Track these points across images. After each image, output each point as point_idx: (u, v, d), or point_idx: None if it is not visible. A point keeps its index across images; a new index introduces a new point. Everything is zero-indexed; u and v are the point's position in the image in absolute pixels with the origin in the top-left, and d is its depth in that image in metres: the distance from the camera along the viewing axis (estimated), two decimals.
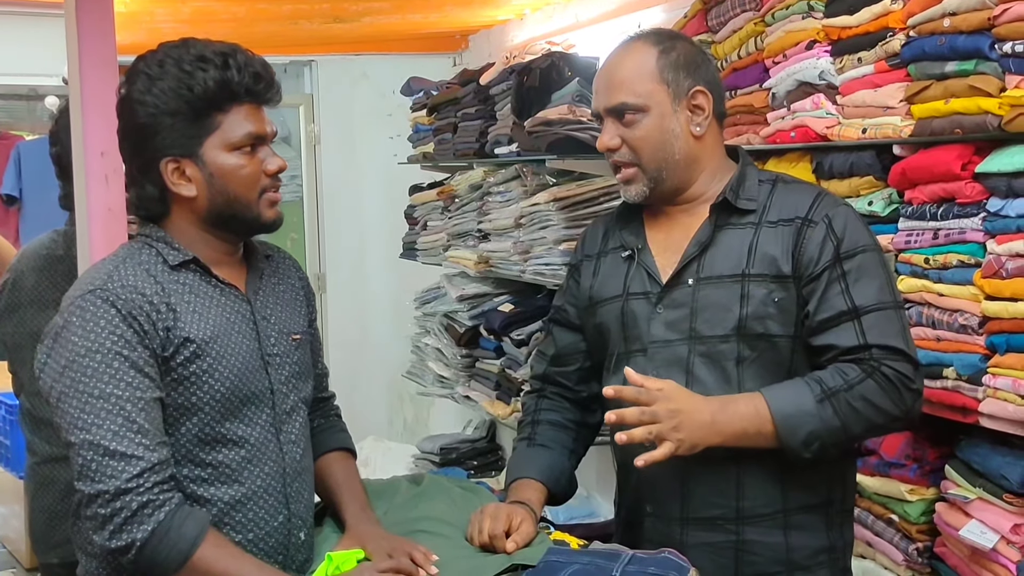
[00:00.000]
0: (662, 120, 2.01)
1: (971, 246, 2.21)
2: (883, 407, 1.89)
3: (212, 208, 1.87)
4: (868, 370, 1.89)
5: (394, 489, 2.27)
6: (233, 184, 1.86)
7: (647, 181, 2.04)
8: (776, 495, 2.00)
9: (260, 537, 1.88)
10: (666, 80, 2.01)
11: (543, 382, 2.26)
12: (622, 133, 2.03)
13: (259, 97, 1.87)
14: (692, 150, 2.04)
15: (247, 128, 1.85)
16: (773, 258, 1.97)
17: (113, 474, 1.71)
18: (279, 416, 1.92)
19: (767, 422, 1.88)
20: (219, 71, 1.81)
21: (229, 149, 1.84)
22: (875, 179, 2.46)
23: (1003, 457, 2.19)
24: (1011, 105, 2.07)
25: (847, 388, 1.88)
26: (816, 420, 1.88)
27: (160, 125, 1.82)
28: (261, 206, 1.89)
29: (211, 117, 1.83)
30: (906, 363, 1.91)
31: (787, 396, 1.90)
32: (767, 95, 2.77)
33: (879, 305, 1.93)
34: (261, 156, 1.88)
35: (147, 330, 1.78)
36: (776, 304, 1.96)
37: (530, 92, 3.75)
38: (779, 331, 1.97)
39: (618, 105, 2.02)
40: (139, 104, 1.82)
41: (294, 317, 2.02)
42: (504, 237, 4.07)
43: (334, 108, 6.07)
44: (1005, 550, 2.16)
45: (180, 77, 1.80)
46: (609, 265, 2.14)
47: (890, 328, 1.93)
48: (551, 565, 1.86)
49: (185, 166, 1.84)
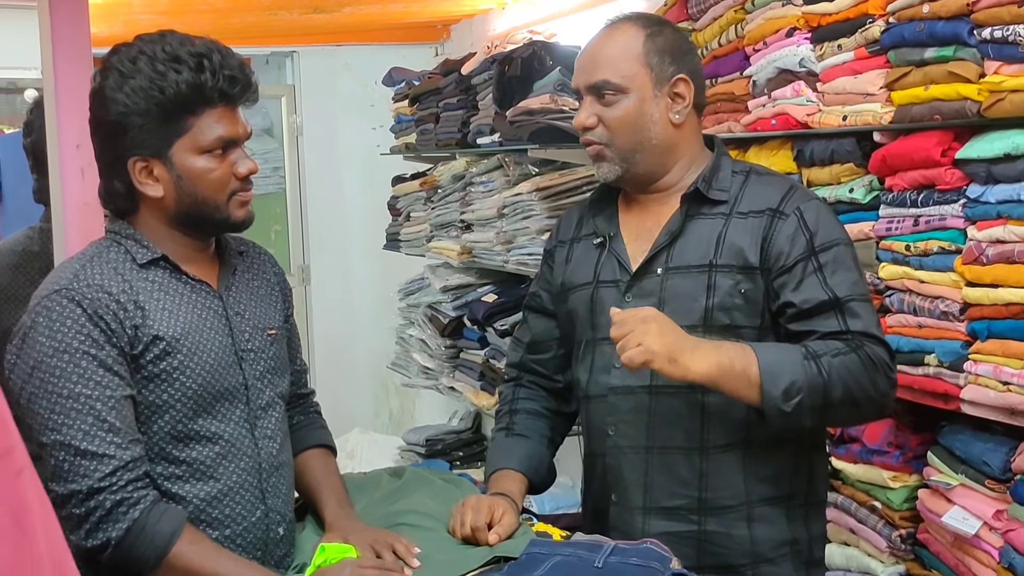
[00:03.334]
0: (641, 104, 2.00)
1: (952, 232, 2.21)
2: (863, 382, 1.88)
3: (180, 209, 1.85)
4: (852, 346, 1.89)
5: (375, 482, 2.26)
6: (202, 187, 1.83)
7: (619, 161, 2.03)
8: (739, 487, 1.99)
9: (238, 533, 1.87)
10: (650, 64, 2.00)
11: (519, 370, 2.26)
12: (599, 112, 2.02)
13: (233, 100, 1.83)
14: (669, 137, 2.02)
15: (218, 132, 1.81)
16: (741, 249, 1.96)
17: (86, 473, 1.70)
18: (254, 412, 1.91)
19: (752, 364, 1.85)
20: (192, 74, 1.77)
21: (199, 152, 1.81)
22: (856, 166, 2.45)
23: (985, 443, 2.19)
24: (990, 91, 2.06)
25: (832, 354, 1.87)
26: (800, 371, 1.85)
27: (129, 124, 1.79)
28: (231, 207, 1.86)
29: (182, 119, 1.79)
30: (885, 351, 1.92)
31: (773, 348, 1.90)
32: (748, 83, 2.76)
33: (856, 296, 1.93)
34: (232, 158, 1.84)
35: (114, 329, 1.76)
36: (742, 295, 1.96)
37: (512, 81, 3.73)
38: (745, 322, 1.96)
39: (599, 82, 2.00)
40: (110, 101, 1.79)
41: (269, 312, 2.00)
42: (487, 227, 4.06)
43: (316, 99, 6.04)
44: (987, 536, 2.16)
45: (152, 77, 1.77)
46: (581, 252, 2.14)
47: (870, 318, 1.93)
48: (533, 557, 1.85)
49: (153, 166, 1.82)
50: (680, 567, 1.81)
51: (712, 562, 2.00)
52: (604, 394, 2.05)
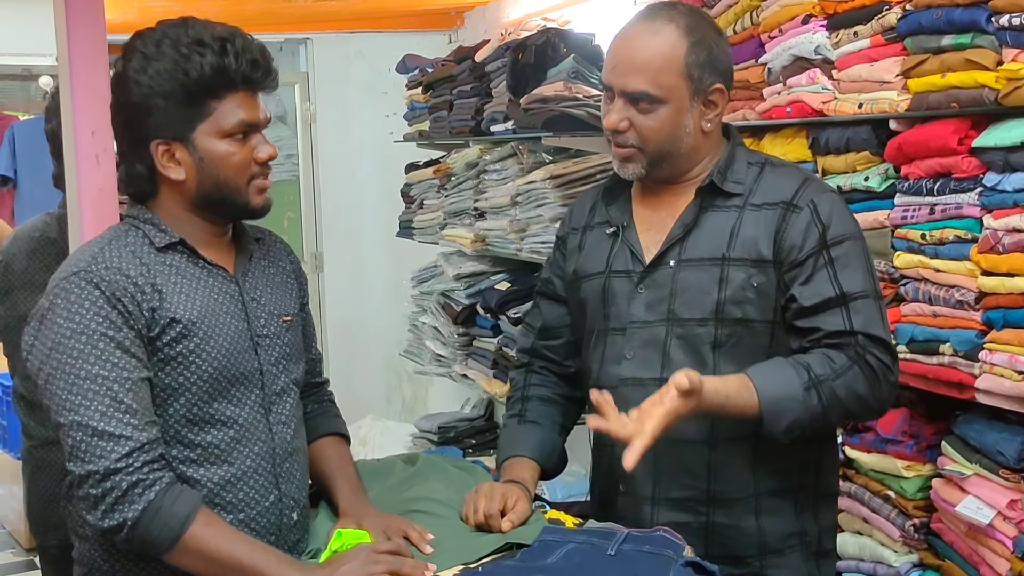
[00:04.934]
0: (678, 115, 1.96)
1: (968, 221, 2.20)
2: (863, 397, 1.90)
3: (200, 192, 1.86)
4: (854, 357, 1.89)
5: (389, 469, 2.27)
6: (223, 170, 1.84)
7: (646, 164, 2.01)
8: (747, 479, 1.99)
9: (251, 517, 1.88)
10: (691, 76, 1.95)
11: (531, 356, 2.26)
12: (632, 117, 1.97)
13: (255, 85, 1.86)
14: (697, 143, 2.01)
15: (240, 116, 1.83)
16: (754, 242, 1.95)
17: (102, 454, 1.71)
18: (268, 397, 1.92)
19: (753, 408, 1.86)
20: (216, 57, 1.80)
21: (221, 136, 1.83)
22: (871, 154, 2.44)
23: (999, 433, 2.18)
24: (1008, 79, 2.05)
25: (834, 377, 1.87)
26: (801, 407, 1.86)
27: (153, 107, 1.80)
28: (250, 192, 1.88)
29: (205, 103, 1.81)
30: (887, 353, 1.92)
31: (775, 382, 1.88)
32: (763, 70, 2.75)
33: (864, 293, 1.92)
34: (253, 143, 1.86)
35: (132, 311, 1.77)
36: (755, 289, 1.95)
37: (525, 69, 3.72)
38: (757, 316, 1.96)
39: (638, 92, 1.95)
40: (134, 83, 1.81)
41: (284, 299, 2.01)
42: (500, 215, 4.05)
43: (330, 86, 6.04)
44: (1001, 525, 2.16)
45: (177, 60, 1.79)
46: (594, 240, 2.13)
47: (873, 317, 1.92)
48: (546, 544, 1.86)
49: (175, 149, 1.83)
50: (693, 555, 1.81)
51: (720, 553, 1.99)
52: (615, 385, 2.04)
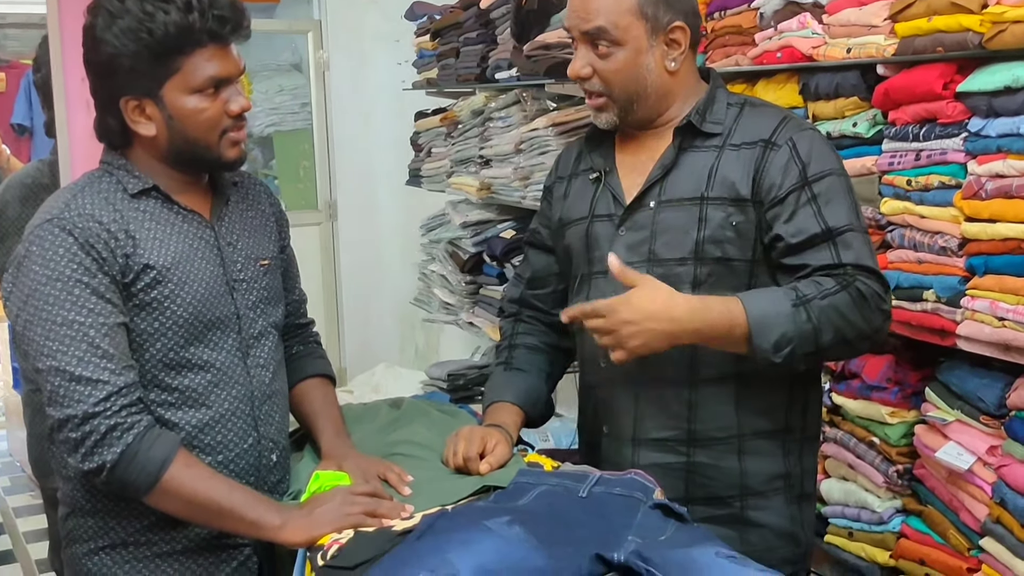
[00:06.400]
0: (637, 55, 1.97)
1: (952, 167, 2.18)
2: (854, 320, 1.86)
3: (172, 147, 1.87)
4: (843, 283, 1.86)
5: (374, 413, 2.30)
6: (193, 127, 1.85)
7: (617, 111, 2.02)
8: (730, 420, 2.00)
9: (230, 459, 1.91)
10: (645, 15, 1.95)
11: (519, 305, 2.27)
12: (594, 63, 1.99)
13: (224, 39, 1.84)
14: (665, 84, 2.00)
15: (209, 71, 1.82)
16: (732, 182, 1.95)
17: (80, 399, 1.74)
18: (246, 340, 1.94)
19: (740, 323, 1.83)
20: (181, 14, 1.78)
21: (190, 91, 1.83)
22: (860, 100, 2.42)
23: (980, 379, 2.18)
24: (992, 22, 2.02)
25: (821, 296, 1.85)
26: (789, 322, 1.83)
27: (119, 66, 1.80)
28: (222, 146, 1.88)
29: (172, 60, 1.80)
30: (878, 283, 1.89)
31: (762, 298, 1.87)
32: (755, 15, 2.72)
33: (851, 226, 1.91)
34: (225, 96, 1.86)
35: (105, 257, 1.79)
36: (734, 228, 1.95)
37: (529, 15, 3.69)
38: (736, 255, 1.96)
39: (593, 30, 1.96)
40: (100, 41, 1.80)
41: (263, 243, 2.02)
42: (505, 163, 4.04)
43: (343, 34, 6.02)
44: (981, 471, 2.16)
45: (140, 18, 1.77)
46: (578, 187, 2.14)
47: (863, 249, 1.91)
48: (520, 486, 1.88)
49: (145, 105, 1.84)
50: (663, 497, 1.83)
51: (701, 494, 2.01)
52: None
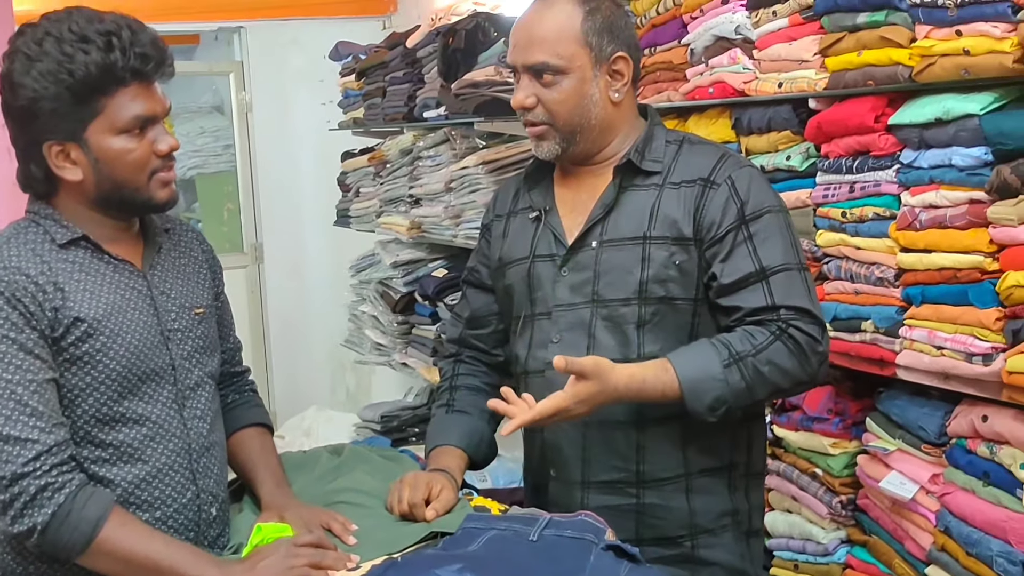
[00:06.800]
0: (582, 84, 1.96)
1: (886, 198, 2.21)
2: (790, 371, 1.88)
3: (100, 191, 1.80)
4: (776, 332, 1.87)
5: (314, 461, 2.24)
6: (120, 169, 1.78)
7: (560, 140, 2.00)
8: (677, 459, 1.99)
9: (169, 515, 1.85)
10: (589, 44, 1.95)
11: (459, 345, 2.24)
12: (538, 92, 1.98)
13: (147, 77, 1.78)
14: (608, 116, 2.00)
15: (134, 111, 1.76)
16: (674, 220, 1.95)
17: (8, 459, 1.67)
18: (182, 392, 1.88)
19: (673, 389, 1.86)
20: (102, 53, 1.72)
21: (116, 132, 1.76)
22: (793, 133, 2.45)
23: (920, 408, 2.20)
24: (921, 56, 2.06)
25: (754, 352, 1.86)
26: (722, 385, 1.85)
27: (40, 110, 1.73)
28: (152, 188, 1.82)
29: (95, 101, 1.74)
30: (813, 324, 1.90)
31: (694, 361, 1.87)
32: (686, 51, 2.75)
33: (785, 266, 1.91)
34: (151, 136, 1.80)
35: (33, 311, 1.73)
36: (677, 267, 1.94)
37: (456, 54, 3.70)
38: (680, 294, 1.95)
39: (538, 64, 1.96)
40: (18, 86, 1.73)
41: (197, 291, 1.97)
42: (435, 202, 4.03)
43: (265, 75, 5.98)
44: (924, 500, 2.18)
45: (60, 60, 1.71)
46: (518, 226, 2.12)
47: (796, 289, 1.91)
48: (469, 532, 1.84)
49: (70, 149, 1.77)
50: (614, 538, 1.80)
51: (651, 535, 1.99)
52: (542, 369, 2.03)
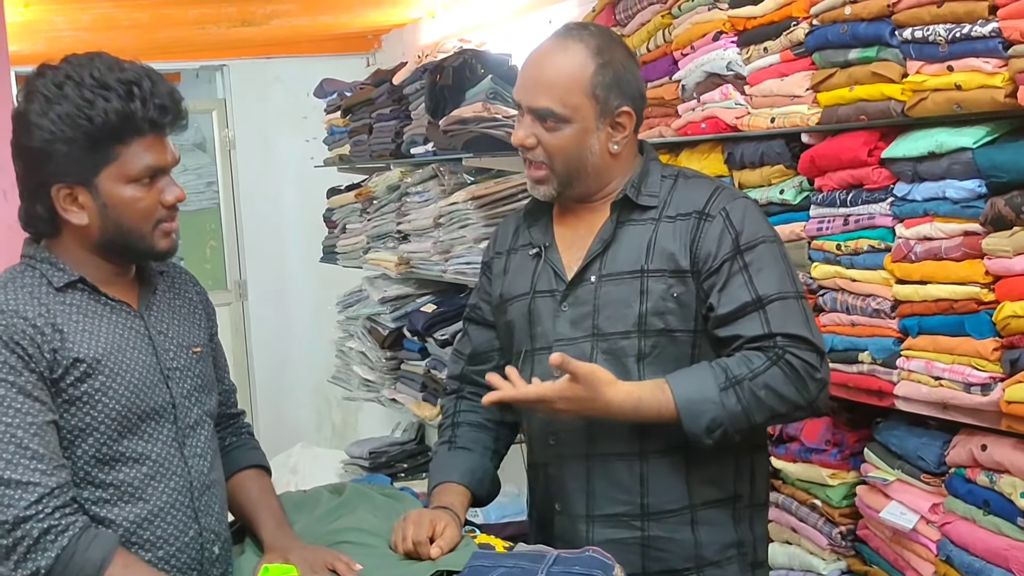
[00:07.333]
0: (583, 135, 1.98)
1: (880, 231, 2.23)
2: (787, 395, 1.89)
3: (104, 236, 1.81)
4: (773, 357, 1.89)
5: (315, 500, 2.23)
6: (127, 216, 1.79)
7: (556, 184, 2.03)
8: (681, 491, 1.99)
9: (171, 554, 1.84)
10: (596, 97, 1.96)
11: (461, 382, 2.25)
12: (539, 134, 1.99)
13: (163, 129, 1.79)
14: (605, 165, 2.02)
15: (147, 161, 1.78)
16: (671, 253, 1.96)
17: (11, 503, 1.66)
18: (182, 431, 1.88)
19: (669, 410, 1.87)
20: (122, 102, 1.73)
21: (126, 181, 1.77)
22: (785, 168, 2.47)
23: (919, 438, 2.21)
24: (913, 90, 2.09)
25: (751, 376, 1.87)
26: (718, 407, 1.87)
27: (54, 152, 1.74)
28: (155, 236, 1.82)
29: (110, 148, 1.75)
30: (811, 351, 1.91)
31: (691, 383, 1.89)
32: (677, 87, 2.78)
33: (781, 295, 1.93)
34: (160, 186, 1.81)
35: (32, 354, 1.72)
36: (675, 299, 1.96)
37: (443, 91, 3.72)
38: (679, 326, 1.97)
39: (542, 109, 1.97)
40: (34, 127, 1.74)
41: (192, 330, 1.97)
42: (424, 237, 4.04)
43: (248, 112, 6.00)
44: (925, 530, 2.18)
45: (80, 105, 1.72)
46: (518, 262, 2.13)
47: (794, 317, 1.92)
48: (476, 569, 1.84)
49: (78, 193, 1.77)
50: (623, 574, 1.81)
51: (657, 568, 2.00)
52: None
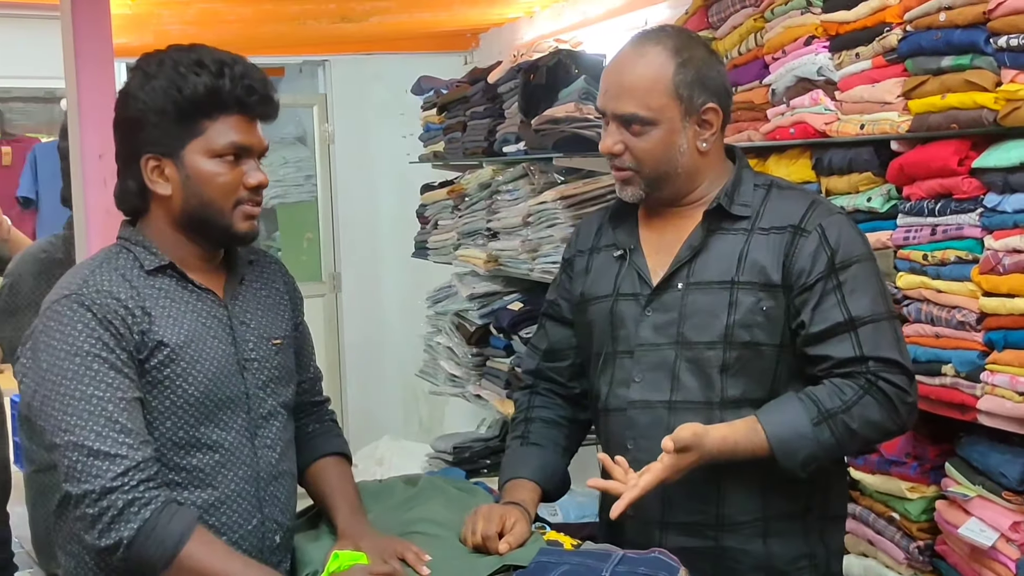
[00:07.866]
0: (670, 135, 1.98)
1: (968, 242, 2.19)
2: (880, 424, 1.90)
3: (186, 209, 1.88)
4: (865, 386, 1.88)
5: (390, 491, 2.27)
6: (208, 189, 1.87)
7: (644, 186, 2.03)
8: (756, 503, 1.99)
9: (233, 541, 1.89)
10: (680, 96, 1.97)
11: (535, 377, 2.26)
12: (626, 140, 2.00)
13: (250, 109, 1.88)
14: (695, 163, 2.02)
15: (231, 138, 1.86)
16: (763, 267, 1.95)
17: (99, 474, 1.73)
18: (254, 421, 1.93)
19: (763, 449, 1.88)
20: (212, 78, 1.83)
21: (210, 155, 1.86)
22: (874, 175, 2.43)
23: (1002, 454, 2.16)
24: (1007, 99, 2.04)
25: (844, 409, 1.87)
26: (813, 443, 1.87)
27: (146, 121, 1.84)
28: (235, 216, 1.89)
29: (197, 122, 1.85)
30: (902, 375, 1.91)
31: (783, 419, 1.89)
32: (767, 91, 2.75)
33: (874, 316, 1.91)
34: (244, 168, 1.88)
35: (123, 333, 1.80)
36: (764, 313, 1.95)
37: (537, 90, 3.73)
38: (766, 340, 1.96)
39: (627, 115, 1.98)
40: (131, 98, 1.86)
41: (276, 321, 2.02)
42: (513, 235, 4.06)
43: (348, 107, 6.09)
44: (1004, 548, 2.14)
45: (173, 78, 1.83)
46: (601, 263, 2.13)
47: (885, 340, 1.92)
48: (542, 565, 1.86)
49: (165, 165, 1.87)
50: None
51: None
52: (623, 408, 2.04)
